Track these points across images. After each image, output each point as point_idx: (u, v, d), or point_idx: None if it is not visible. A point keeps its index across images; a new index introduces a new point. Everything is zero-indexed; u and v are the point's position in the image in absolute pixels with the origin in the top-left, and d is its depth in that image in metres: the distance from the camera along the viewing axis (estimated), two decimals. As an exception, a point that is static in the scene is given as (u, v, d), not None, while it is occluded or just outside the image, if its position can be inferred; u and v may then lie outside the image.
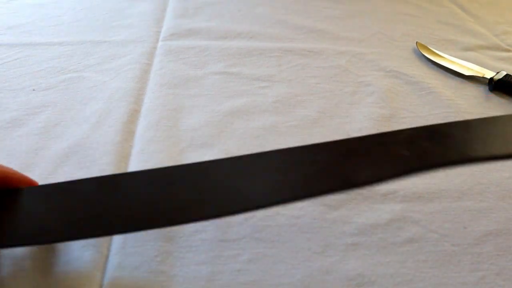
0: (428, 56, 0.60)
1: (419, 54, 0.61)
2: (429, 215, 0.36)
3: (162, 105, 0.47)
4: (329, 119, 0.47)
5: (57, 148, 0.41)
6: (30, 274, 0.29)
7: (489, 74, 0.55)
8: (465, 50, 0.64)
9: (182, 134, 0.43)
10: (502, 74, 0.53)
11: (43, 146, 0.41)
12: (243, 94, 0.50)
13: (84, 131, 0.43)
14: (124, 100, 0.48)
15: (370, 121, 0.46)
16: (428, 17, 0.74)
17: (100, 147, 0.41)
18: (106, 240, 0.32)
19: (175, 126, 0.44)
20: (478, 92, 0.53)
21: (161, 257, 0.31)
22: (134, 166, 0.39)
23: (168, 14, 0.69)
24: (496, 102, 0.52)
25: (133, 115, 0.46)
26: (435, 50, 0.61)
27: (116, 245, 0.32)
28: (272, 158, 0.32)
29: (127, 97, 0.48)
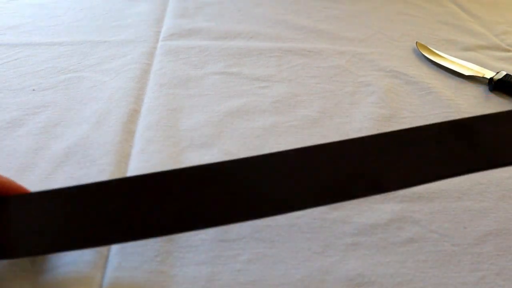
0: (428, 56, 0.60)
1: (419, 54, 0.61)
2: (429, 215, 0.36)
3: (162, 105, 0.47)
4: (329, 119, 0.47)
5: (57, 148, 0.41)
6: (30, 274, 0.29)
7: (489, 74, 0.55)
8: (465, 50, 0.64)
9: (182, 134, 0.43)
10: (502, 74, 0.53)
11: (43, 146, 0.41)
12: (243, 94, 0.50)
13: (84, 131, 0.43)
14: (124, 100, 0.48)
15: (370, 121, 0.46)
16: (428, 17, 0.74)
17: (100, 147, 0.41)
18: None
19: (175, 126, 0.44)
20: (478, 92, 0.53)
21: (161, 257, 0.31)
22: (134, 166, 0.39)
23: (168, 14, 0.69)
24: (496, 102, 0.52)
25: (133, 115, 0.46)
26: (435, 50, 0.61)
27: (116, 245, 0.32)
28: (301, 157, 0.31)
29: (127, 97, 0.48)
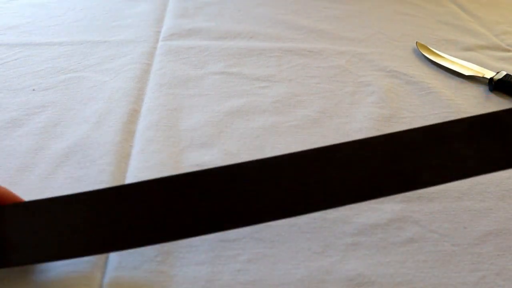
0: (428, 56, 0.60)
1: (419, 54, 0.61)
2: (429, 215, 0.36)
3: (162, 105, 0.47)
4: (329, 119, 0.47)
5: (57, 148, 0.41)
6: (30, 274, 0.29)
7: (489, 74, 0.55)
8: (465, 50, 0.64)
9: (182, 134, 0.43)
10: (502, 74, 0.53)
11: (43, 146, 0.41)
12: (243, 94, 0.50)
13: (84, 131, 0.43)
14: (124, 100, 0.48)
15: (370, 121, 0.46)
16: (428, 17, 0.74)
17: (100, 147, 0.41)
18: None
19: (175, 126, 0.44)
20: (478, 92, 0.53)
21: (161, 257, 0.31)
22: (134, 166, 0.39)
23: (168, 14, 0.69)
24: (496, 102, 0.52)
25: (133, 115, 0.46)
26: (435, 50, 0.61)
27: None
28: (332, 154, 0.31)
29: (127, 97, 0.48)
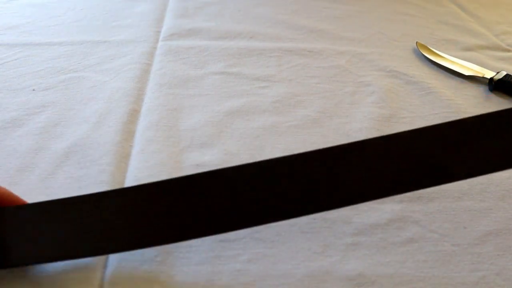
0: (428, 56, 0.60)
1: (419, 54, 0.61)
2: (429, 215, 0.36)
3: (162, 105, 0.47)
4: (329, 119, 0.47)
5: (57, 148, 0.41)
6: (30, 274, 0.29)
7: (489, 74, 0.55)
8: (465, 50, 0.64)
9: (182, 134, 0.43)
10: (502, 74, 0.53)
11: (43, 146, 0.41)
12: (243, 94, 0.50)
13: (84, 131, 0.43)
14: (124, 100, 0.48)
15: (370, 121, 0.46)
16: (428, 17, 0.74)
17: (100, 147, 0.41)
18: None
19: (175, 126, 0.44)
20: (478, 92, 0.53)
21: (161, 257, 0.31)
22: (134, 166, 0.39)
23: (168, 14, 0.69)
24: (496, 102, 0.52)
25: (133, 115, 0.46)
26: (435, 50, 0.61)
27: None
28: (333, 155, 0.31)
29: (127, 97, 0.48)
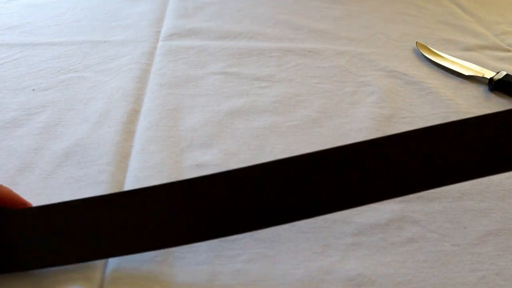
0: (428, 56, 0.60)
1: (419, 54, 0.61)
2: (429, 215, 0.36)
3: (162, 105, 0.47)
4: (329, 119, 0.47)
5: (57, 148, 0.41)
6: (30, 273, 0.29)
7: (489, 74, 0.55)
8: (465, 50, 0.64)
9: (182, 134, 0.43)
10: (502, 74, 0.53)
11: (43, 146, 0.41)
12: (243, 94, 0.50)
13: (84, 131, 0.43)
14: (124, 100, 0.48)
15: (370, 121, 0.46)
16: (428, 17, 0.74)
17: (100, 147, 0.41)
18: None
19: (175, 126, 0.44)
20: (478, 92, 0.53)
21: (161, 257, 0.31)
22: (134, 166, 0.39)
23: (168, 14, 0.69)
24: (496, 102, 0.52)
25: (133, 115, 0.46)
26: (435, 50, 0.61)
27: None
28: (334, 156, 0.31)
29: (127, 97, 0.48)
